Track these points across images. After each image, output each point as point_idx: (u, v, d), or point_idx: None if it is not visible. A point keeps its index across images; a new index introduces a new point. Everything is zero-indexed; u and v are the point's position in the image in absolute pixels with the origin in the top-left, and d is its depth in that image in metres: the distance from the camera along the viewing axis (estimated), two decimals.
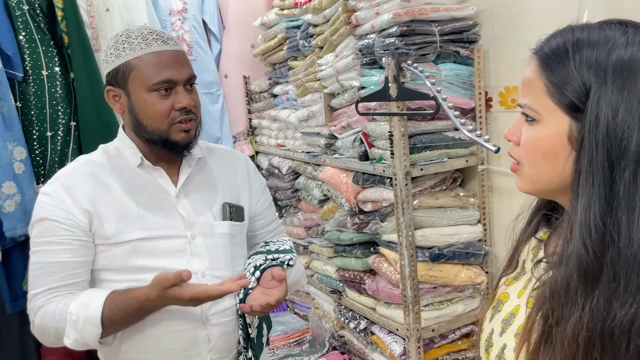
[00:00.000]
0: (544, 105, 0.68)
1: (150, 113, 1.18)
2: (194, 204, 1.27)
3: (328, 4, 2.13)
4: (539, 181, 0.71)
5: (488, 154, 1.97)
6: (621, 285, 0.60)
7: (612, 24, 0.66)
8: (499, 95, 1.91)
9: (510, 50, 1.84)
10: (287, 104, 2.76)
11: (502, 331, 0.77)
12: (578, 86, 0.64)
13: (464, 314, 2.01)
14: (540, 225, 0.81)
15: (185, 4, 3.04)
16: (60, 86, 2.53)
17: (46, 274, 1.16)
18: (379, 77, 1.89)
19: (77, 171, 1.23)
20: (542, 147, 0.69)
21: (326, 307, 2.58)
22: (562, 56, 0.66)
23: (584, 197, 0.63)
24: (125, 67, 1.17)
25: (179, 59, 1.20)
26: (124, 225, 1.18)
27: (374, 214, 2.04)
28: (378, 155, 1.95)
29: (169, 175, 1.26)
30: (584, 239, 0.62)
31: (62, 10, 2.53)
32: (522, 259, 0.83)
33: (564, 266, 0.64)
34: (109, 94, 1.23)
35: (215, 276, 1.24)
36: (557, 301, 0.64)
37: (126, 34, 1.20)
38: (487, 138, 1.39)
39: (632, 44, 0.63)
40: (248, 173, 1.41)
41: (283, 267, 1.29)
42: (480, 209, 1.99)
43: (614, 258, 0.60)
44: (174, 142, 1.20)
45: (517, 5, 1.79)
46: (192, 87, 1.23)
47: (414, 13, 1.78)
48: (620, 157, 0.61)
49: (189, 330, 1.21)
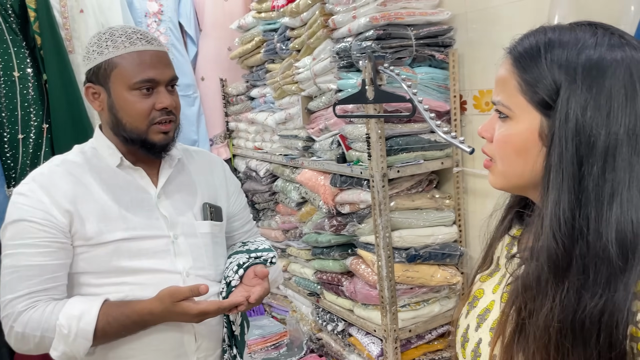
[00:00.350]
0: (517, 102, 0.70)
1: (130, 112, 1.17)
2: (175, 204, 1.26)
3: (305, 8, 2.15)
4: (510, 177, 0.73)
5: (463, 156, 2.00)
6: (590, 277, 0.62)
7: (582, 25, 0.69)
8: (473, 98, 1.94)
9: (484, 54, 1.88)
10: (264, 107, 2.76)
11: (478, 326, 0.78)
12: (549, 84, 0.66)
13: (440, 314, 2.03)
14: (513, 223, 0.84)
15: (161, 6, 3.02)
16: (32, 88, 2.48)
17: (24, 277, 1.12)
18: (356, 80, 1.91)
19: (54, 171, 1.19)
20: (514, 143, 0.71)
21: (304, 310, 2.58)
22: (534, 55, 0.68)
23: (553, 192, 0.64)
24: (108, 65, 1.16)
25: (162, 59, 1.20)
26: (105, 225, 1.16)
27: (351, 215, 2.06)
28: (355, 157, 1.96)
29: (149, 175, 1.25)
30: (554, 232, 0.64)
31: (34, 11, 2.49)
32: (497, 256, 0.85)
33: (535, 259, 0.66)
34: (89, 91, 1.21)
35: (199, 275, 1.24)
36: (529, 294, 0.66)
37: (110, 32, 1.19)
38: (462, 139, 1.42)
39: (601, 45, 0.65)
40: (225, 175, 1.42)
41: (266, 264, 1.30)
42: (455, 211, 2.02)
43: (583, 251, 0.62)
44: (151, 142, 1.19)
45: (491, 10, 1.83)
46: (173, 88, 1.23)
47: (390, 17, 1.80)
48: (589, 153, 0.63)
49: (177, 329, 1.20)
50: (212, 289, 1.26)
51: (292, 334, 2.63)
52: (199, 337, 1.23)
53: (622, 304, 0.60)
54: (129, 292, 1.16)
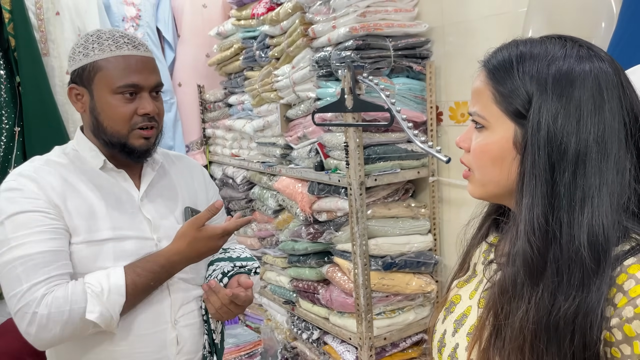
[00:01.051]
0: (492, 112, 0.72)
1: (112, 115, 1.17)
2: (157, 208, 1.26)
3: (285, 16, 2.16)
4: (488, 185, 0.75)
5: (439, 166, 2.03)
6: (564, 279, 0.64)
7: (552, 39, 0.72)
8: (449, 109, 1.98)
9: (460, 66, 1.92)
10: (242, 114, 2.76)
11: (455, 331, 0.80)
12: (522, 95, 0.69)
13: (415, 322, 2.05)
14: (490, 230, 0.86)
15: (139, 11, 3.00)
16: (4, 90, 2.43)
17: (40, 264, 1.07)
18: (334, 89, 1.92)
19: (40, 169, 1.17)
20: (490, 152, 0.73)
21: (279, 319, 2.57)
22: (507, 68, 0.71)
23: (527, 197, 0.67)
24: (92, 67, 1.16)
25: (147, 65, 1.20)
26: (93, 223, 1.15)
27: (328, 223, 2.06)
28: (333, 165, 1.98)
29: (131, 178, 1.25)
30: (529, 236, 0.66)
31: (9, 12, 2.45)
32: (474, 262, 0.86)
33: (511, 264, 0.68)
34: (72, 92, 1.20)
35: (181, 279, 1.24)
36: (505, 296, 0.67)
37: (97, 34, 1.19)
38: (438, 149, 1.45)
39: (570, 57, 0.68)
40: (204, 180, 1.43)
41: (250, 274, 1.30)
42: (430, 219, 2.05)
43: (557, 254, 0.64)
44: (132, 147, 1.19)
45: (467, 24, 1.87)
46: (157, 94, 1.23)
47: (369, 28, 1.83)
48: (560, 160, 0.66)
49: (159, 332, 1.20)
50: (193, 292, 1.27)
51: (266, 343, 2.61)
52: (180, 340, 1.23)
53: (595, 305, 0.62)
54: None
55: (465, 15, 1.87)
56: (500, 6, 1.75)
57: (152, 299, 1.19)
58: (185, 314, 1.24)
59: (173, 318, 1.22)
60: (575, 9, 1.44)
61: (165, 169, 1.34)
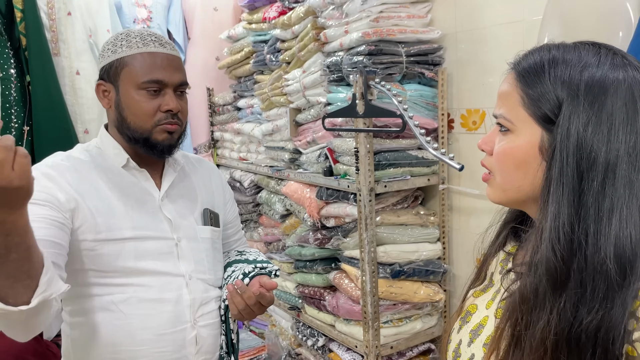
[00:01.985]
0: (518, 116, 0.71)
1: (135, 110, 1.18)
2: (177, 208, 1.27)
3: (297, 20, 2.16)
4: (509, 190, 0.74)
5: (449, 174, 2.01)
6: (588, 291, 0.62)
7: (586, 45, 0.70)
8: (460, 117, 1.96)
9: (472, 74, 1.90)
10: (251, 118, 2.75)
11: (471, 341, 0.78)
12: (552, 100, 0.67)
13: (422, 332, 2.03)
14: (508, 239, 0.84)
15: (150, 13, 3.00)
16: (15, 89, 2.44)
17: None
18: (345, 94, 1.91)
19: (59, 165, 1.17)
20: (514, 156, 0.71)
21: (284, 324, 2.55)
22: (538, 71, 0.70)
23: (553, 205, 0.65)
24: (119, 63, 1.18)
25: (173, 62, 1.21)
26: (114, 222, 1.15)
27: (336, 229, 2.05)
28: (343, 171, 1.96)
29: (152, 178, 1.26)
30: (553, 245, 0.64)
31: (21, 12, 2.45)
32: (490, 272, 0.85)
33: (533, 272, 0.66)
34: (99, 88, 1.22)
35: (200, 279, 1.25)
36: (526, 306, 0.66)
37: (126, 32, 1.21)
38: (451, 156, 1.43)
39: (604, 64, 0.67)
40: (221, 182, 1.44)
41: (270, 276, 1.29)
42: (440, 228, 2.03)
43: (581, 265, 0.63)
44: (154, 142, 1.19)
45: (480, 31, 1.86)
46: (182, 94, 1.24)
47: (382, 33, 1.82)
48: (589, 168, 0.64)
49: (178, 332, 1.20)
50: (212, 292, 1.28)
51: (270, 349, 2.59)
52: (199, 340, 1.23)
53: (619, 320, 0.60)
54: (132, 293, 1.16)
55: (478, 23, 1.86)
56: (514, 14, 1.73)
57: (172, 299, 1.19)
58: (204, 313, 1.25)
59: (192, 318, 1.22)
60: (592, 17, 1.43)
61: (185, 171, 1.35)
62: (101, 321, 1.15)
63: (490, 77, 1.84)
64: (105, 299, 1.15)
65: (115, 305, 1.15)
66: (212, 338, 1.26)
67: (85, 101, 2.71)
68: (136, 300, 1.16)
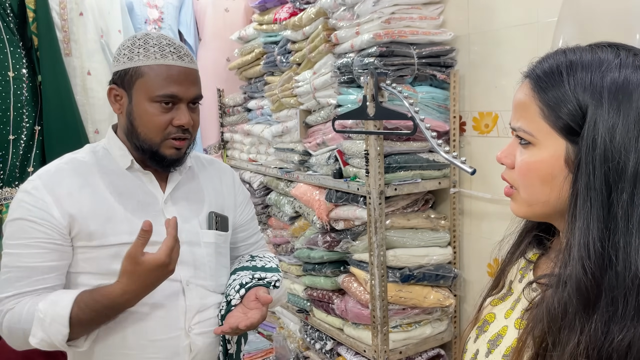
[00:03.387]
0: (539, 128, 0.67)
1: (147, 122, 1.16)
2: (181, 211, 1.25)
3: (308, 22, 2.14)
4: (535, 205, 0.70)
5: (460, 177, 1.99)
6: (619, 308, 0.59)
7: (603, 47, 0.66)
8: (472, 120, 1.94)
9: (485, 76, 1.88)
10: (261, 119, 2.74)
11: (489, 352, 0.75)
12: (574, 108, 0.64)
13: (432, 337, 2.00)
14: (530, 246, 0.80)
15: (161, 14, 3.01)
16: (26, 89, 2.44)
17: (14, 278, 1.11)
18: (356, 96, 1.90)
19: (61, 170, 1.18)
20: (538, 170, 0.68)
21: (292, 327, 2.54)
22: (556, 78, 0.66)
23: (581, 220, 0.62)
24: (135, 72, 1.16)
25: (189, 76, 1.19)
26: (110, 227, 1.15)
27: (345, 232, 2.03)
28: (352, 173, 1.94)
29: (158, 180, 1.24)
30: (583, 262, 0.60)
31: (33, 12, 2.46)
32: (509, 280, 0.82)
33: (561, 289, 0.62)
34: (111, 92, 1.21)
35: (199, 285, 1.23)
36: (554, 324, 0.62)
37: (144, 39, 1.18)
38: (463, 160, 1.41)
39: (626, 66, 0.63)
40: (234, 184, 1.41)
41: (269, 287, 1.27)
42: (450, 232, 2.00)
43: (612, 281, 0.60)
44: (162, 155, 1.19)
45: (493, 33, 1.83)
46: (195, 105, 1.22)
47: (393, 35, 1.80)
48: (618, 180, 0.61)
49: (172, 339, 1.18)
50: (211, 299, 1.25)
51: (278, 351, 2.58)
52: (194, 348, 1.21)
53: None
54: None
55: (491, 25, 1.83)
56: (528, 16, 1.71)
57: (166, 304, 1.17)
58: (201, 321, 1.22)
59: (187, 325, 1.20)
60: (609, 20, 1.40)
61: (194, 172, 1.33)
62: None
63: (503, 79, 1.81)
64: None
65: None
66: (208, 347, 1.23)
67: (96, 101, 2.72)
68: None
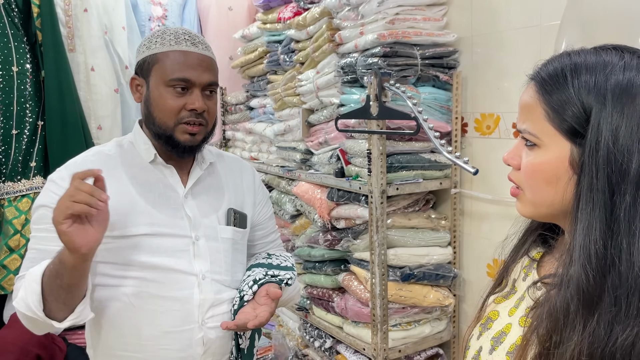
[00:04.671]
0: (544, 130, 0.68)
1: (161, 107, 1.19)
2: (200, 205, 1.27)
3: (312, 21, 2.15)
4: (540, 205, 0.71)
5: (461, 178, 2.00)
6: (622, 309, 0.59)
7: (607, 49, 0.67)
8: (474, 121, 1.95)
9: (487, 78, 1.89)
10: (263, 117, 2.75)
11: (492, 349, 0.76)
12: (578, 111, 0.64)
13: (431, 336, 2.01)
14: (534, 245, 0.81)
15: (165, 11, 3.02)
16: (30, 84, 2.46)
17: (31, 259, 1.15)
18: (359, 96, 1.91)
19: (87, 161, 1.23)
20: (544, 171, 0.69)
21: (291, 325, 2.55)
22: (560, 81, 0.66)
23: (584, 221, 0.62)
24: (151, 59, 1.20)
25: (203, 62, 1.21)
26: (131, 219, 1.17)
27: (346, 231, 2.04)
28: (354, 172, 1.96)
29: (179, 175, 1.27)
30: (584, 264, 0.61)
31: (38, 7, 2.47)
32: (513, 278, 0.82)
33: (563, 289, 0.63)
34: (133, 83, 1.25)
35: (214, 279, 1.25)
36: (556, 324, 0.63)
37: (162, 29, 1.24)
38: (466, 160, 1.42)
39: (630, 69, 0.64)
40: (254, 183, 1.43)
41: (281, 285, 1.28)
42: (451, 232, 2.01)
43: (615, 282, 0.60)
44: (176, 141, 1.20)
45: (496, 35, 1.84)
46: (211, 94, 1.24)
47: (397, 35, 1.81)
48: (621, 181, 0.61)
49: (186, 331, 1.20)
50: (226, 294, 1.26)
51: (277, 349, 2.58)
52: (207, 341, 1.22)
53: None
54: (144, 287, 1.17)
55: (494, 27, 1.85)
56: (531, 19, 1.72)
57: (181, 297, 1.19)
58: (215, 315, 1.24)
59: (201, 319, 1.21)
60: (612, 22, 1.41)
61: (215, 169, 1.35)
62: (112, 310, 1.17)
63: (505, 81, 1.82)
64: (118, 290, 1.17)
65: (127, 297, 1.17)
66: (220, 340, 1.25)
67: (99, 97, 2.73)
68: (147, 295, 1.17)
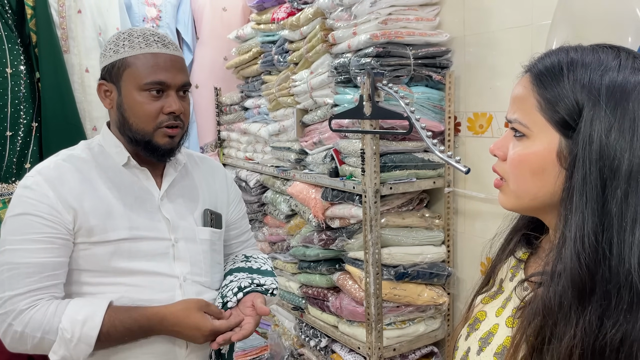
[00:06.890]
0: (535, 120, 0.68)
1: (137, 112, 1.17)
2: (177, 208, 1.26)
3: (306, 22, 2.16)
4: (523, 197, 0.71)
5: (455, 177, 2.01)
6: (612, 303, 0.60)
7: (604, 48, 0.68)
8: (467, 120, 1.96)
9: (480, 77, 1.90)
10: (258, 118, 2.76)
11: (480, 350, 0.76)
12: (571, 104, 0.65)
13: (425, 334, 2.02)
14: (519, 245, 0.82)
15: (159, 12, 3.02)
16: (24, 85, 2.45)
17: (23, 275, 1.09)
18: (352, 96, 1.92)
19: (60, 166, 1.18)
20: (530, 162, 0.69)
21: (286, 324, 2.55)
22: (556, 74, 0.67)
23: (577, 214, 0.63)
24: (121, 64, 1.16)
25: (176, 63, 1.19)
26: (110, 223, 1.15)
27: (341, 230, 2.05)
28: (348, 172, 1.96)
29: (153, 177, 1.25)
30: (579, 255, 0.62)
31: (32, 9, 2.47)
32: (500, 278, 0.83)
33: (556, 281, 0.64)
34: (101, 88, 1.21)
35: (195, 281, 1.24)
36: (550, 317, 0.64)
37: (129, 32, 1.20)
38: (458, 159, 1.43)
39: (625, 68, 0.64)
40: (226, 182, 1.42)
41: (266, 295, 1.28)
42: (444, 231, 2.02)
43: (606, 275, 0.61)
44: (156, 145, 1.18)
45: (488, 35, 1.86)
46: (184, 94, 1.23)
47: (390, 35, 1.82)
48: (612, 177, 0.62)
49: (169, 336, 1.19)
50: (207, 295, 1.26)
51: (273, 349, 2.59)
52: (189, 343, 1.21)
53: None
54: (124, 292, 1.15)
55: (486, 27, 1.86)
56: (523, 18, 1.73)
57: (163, 300, 1.18)
58: None
59: None
60: (602, 22, 1.42)
61: (188, 170, 1.33)
62: None
63: (497, 81, 1.83)
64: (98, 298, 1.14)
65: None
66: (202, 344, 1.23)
67: (94, 98, 2.73)
68: (128, 300, 1.14)
